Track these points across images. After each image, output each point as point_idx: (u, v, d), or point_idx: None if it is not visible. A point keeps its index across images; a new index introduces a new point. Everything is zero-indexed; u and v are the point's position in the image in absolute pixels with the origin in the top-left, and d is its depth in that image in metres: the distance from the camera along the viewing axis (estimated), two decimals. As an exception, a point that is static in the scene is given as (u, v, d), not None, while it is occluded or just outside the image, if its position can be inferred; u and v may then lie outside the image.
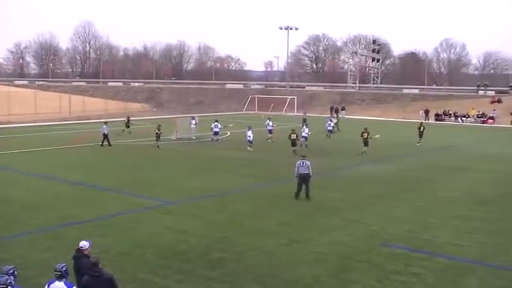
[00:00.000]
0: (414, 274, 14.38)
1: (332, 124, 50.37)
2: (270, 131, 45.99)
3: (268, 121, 47.01)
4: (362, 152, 37.01)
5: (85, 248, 11.42)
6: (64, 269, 9.75)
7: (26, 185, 25.92)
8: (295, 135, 38.40)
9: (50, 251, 15.15)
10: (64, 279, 9.65)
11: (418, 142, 44.36)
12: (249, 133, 39.83)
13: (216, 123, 45.18)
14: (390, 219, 20.14)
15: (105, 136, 41.11)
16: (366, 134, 37.36)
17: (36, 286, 12.15)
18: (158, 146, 40.04)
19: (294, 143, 38.00)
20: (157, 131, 40.52)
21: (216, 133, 44.81)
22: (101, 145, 40.72)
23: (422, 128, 44.68)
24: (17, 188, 25.12)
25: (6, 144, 42.16)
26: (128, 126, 48.08)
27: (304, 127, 42.89)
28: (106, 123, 42.74)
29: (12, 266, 9.70)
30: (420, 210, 21.60)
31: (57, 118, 67.51)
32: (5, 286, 9.10)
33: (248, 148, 39.03)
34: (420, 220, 20.06)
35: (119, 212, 20.74)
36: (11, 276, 9.40)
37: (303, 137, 41.75)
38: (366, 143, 37.27)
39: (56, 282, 9.58)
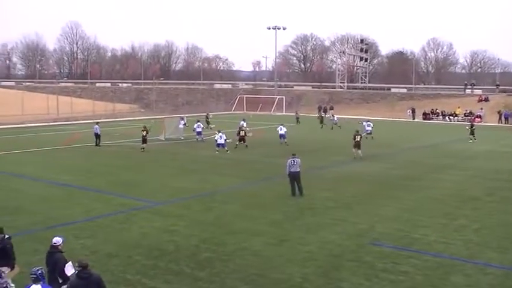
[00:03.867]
0: (403, 272, 14.42)
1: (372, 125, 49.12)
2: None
3: (242, 122, 46.68)
4: (356, 156, 35.21)
5: (58, 244, 11.58)
6: (40, 272, 9.73)
7: (13, 187, 25.76)
8: (243, 132, 41.32)
9: (37, 254, 15.00)
10: (41, 282, 9.62)
11: (470, 140, 46.99)
12: (218, 136, 38.38)
13: (199, 123, 45.22)
14: (378, 217, 20.19)
15: (97, 136, 41.14)
16: (359, 136, 35.84)
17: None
18: (142, 149, 38.44)
19: (242, 139, 40.92)
20: (143, 134, 38.96)
21: (199, 133, 44.79)
22: (96, 145, 40.90)
23: (473, 127, 48.43)
24: (4, 190, 24.97)
25: (-7, 145, 41.88)
26: (208, 123, 49.06)
27: (282, 126, 43.51)
28: (97, 123, 43.04)
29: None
30: (408, 209, 21.67)
31: (45, 119, 67.12)
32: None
33: (216, 152, 37.68)
34: (408, 218, 20.13)
35: (107, 213, 20.67)
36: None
37: (281, 135, 43.02)
38: (359, 146, 35.53)
39: (33, 286, 9.55)
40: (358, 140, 35.61)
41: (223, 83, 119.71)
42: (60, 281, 11.26)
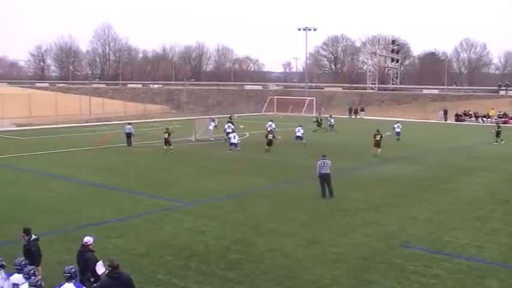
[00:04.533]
0: (435, 275, 14.28)
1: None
2: (300, 138, 45.57)
3: (270, 123, 46.53)
4: (375, 154, 36.16)
5: (89, 243, 11.88)
6: (73, 270, 9.90)
7: (46, 187, 26.14)
8: (271, 135, 40.00)
9: (70, 253, 15.19)
10: (73, 281, 9.77)
11: (496, 142, 46.34)
12: (232, 135, 39.40)
13: (229, 124, 45.42)
14: (409, 220, 20.02)
15: (129, 136, 42.11)
16: (379, 136, 36.77)
17: None
18: (171, 150, 38.39)
19: (269, 142, 39.35)
20: (165, 136, 38.86)
21: (228, 134, 44.92)
22: (128, 145, 41.80)
23: (499, 128, 48.04)
24: (37, 190, 25.36)
25: (27, 146, 42.60)
26: (233, 124, 49.27)
27: (300, 127, 43.50)
28: (130, 123, 44.15)
29: (32, 267, 9.85)
30: (440, 211, 21.42)
31: (78, 120, 68.02)
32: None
33: (228, 151, 37.96)
34: (439, 221, 19.91)
35: (138, 213, 20.85)
36: (33, 276, 9.58)
37: (298, 136, 42.77)
38: (379, 145, 36.57)
39: (66, 284, 9.70)
40: (378, 139, 36.62)
41: (254, 84, 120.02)
42: (92, 280, 11.45)
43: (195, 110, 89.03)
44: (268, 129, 44.08)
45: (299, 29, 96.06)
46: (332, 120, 58.20)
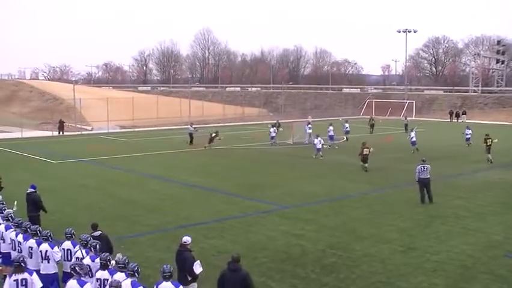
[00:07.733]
0: (541, 288, 13.61)
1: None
2: (331, 137, 44.54)
3: (330, 128, 45.22)
4: (489, 160, 34.83)
5: (188, 243, 12.29)
6: (171, 269, 10.19)
7: (148, 187, 27.06)
8: (367, 149, 31.88)
9: (169, 251, 15.60)
10: (171, 279, 10.06)
11: None
12: (318, 140, 37.70)
13: (274, 129, 45.83)
14: (514, 229, 19.18)
15: (191, 136, 45.33)
16: (490, 140, 35.52)
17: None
18: (205, 147, 41.99)
19: (365, 159, 31.81)
20: (211, 137, 42.36)
21: (273, 138, 44.59)
22: (191, 143, 44.79)
23: None
24: (140, 190, 26.30)
25: (131, 147, 44.27)
26: (372, 127, 48.63)
27: (411, 132, 41.55)
28: (192, 124, 47.88)
29: (135, 264, 10.21)
30: (548, 220, 20.39)
31: (178, 122, 69.78)
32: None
33: (313, 156, 37.55)
34: (548, 231, 18.95)
35: (235, 215, 21.16)
36: (136, 274, 9.93)
37: (411, 142, 40.64)
38: (489, 150, 35.34)
39: (164, 283, 10.01)
40: (489, 144, 35.57)
41: (352, 87, 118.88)
42: (189, 279, 11.74)
43: (293, 113, 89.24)
44: (329, 135, 44.07)
45: (399, 31, 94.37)
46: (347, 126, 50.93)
